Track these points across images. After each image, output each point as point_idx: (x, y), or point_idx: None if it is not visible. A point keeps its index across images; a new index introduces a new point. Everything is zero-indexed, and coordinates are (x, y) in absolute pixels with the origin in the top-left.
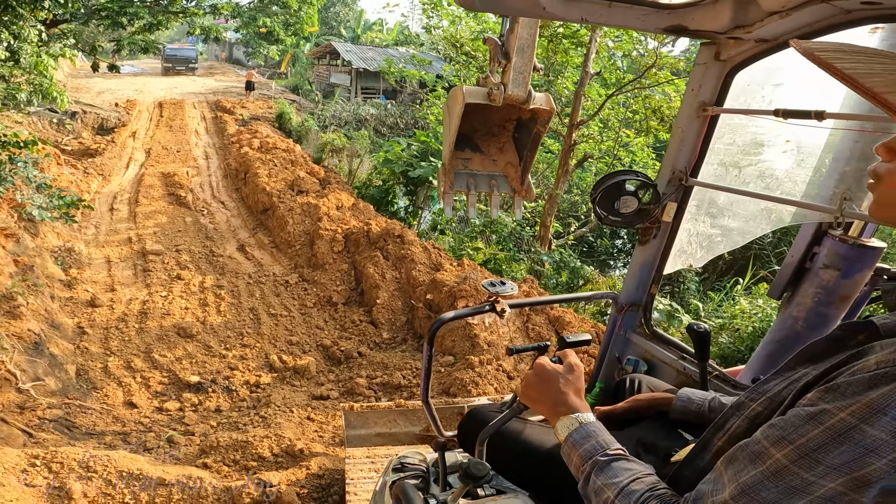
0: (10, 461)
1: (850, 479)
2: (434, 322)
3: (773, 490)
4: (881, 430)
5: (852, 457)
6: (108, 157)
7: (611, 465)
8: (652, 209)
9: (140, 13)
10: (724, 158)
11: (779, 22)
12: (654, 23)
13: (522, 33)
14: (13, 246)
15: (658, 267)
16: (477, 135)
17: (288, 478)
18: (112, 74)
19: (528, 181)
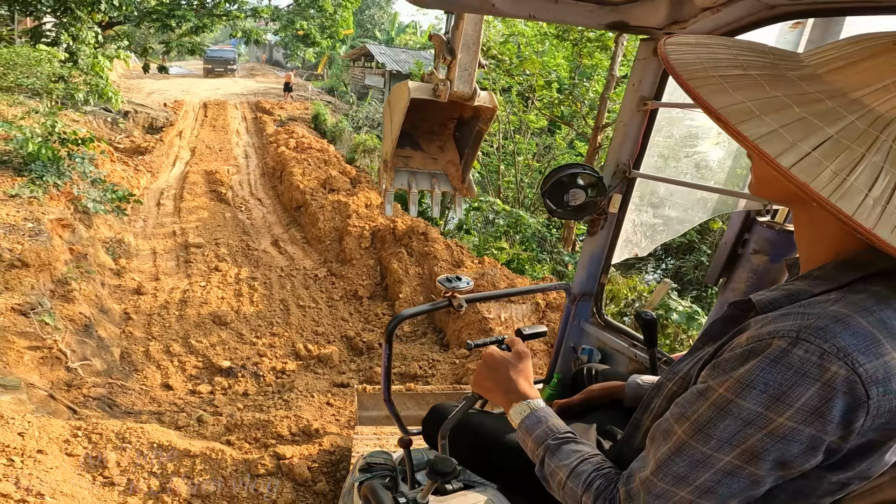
0: (55, 432)
1: (740, 451)
2: (392, 319)
3: (682, 464)
4: (753, 403)
5: (735, 430)
6: (156, 155)
7: (561, 447)
8: (599, 201)
9: (187, 16)
10: (664, 151)
11: (711, 17)
12: (598, 19)
13: (468, 30)
14: (69, 235)
15: (606, 257)
16: (418, 133)
17: (301, 452)
18: (161, 75)
19: (468, 179)
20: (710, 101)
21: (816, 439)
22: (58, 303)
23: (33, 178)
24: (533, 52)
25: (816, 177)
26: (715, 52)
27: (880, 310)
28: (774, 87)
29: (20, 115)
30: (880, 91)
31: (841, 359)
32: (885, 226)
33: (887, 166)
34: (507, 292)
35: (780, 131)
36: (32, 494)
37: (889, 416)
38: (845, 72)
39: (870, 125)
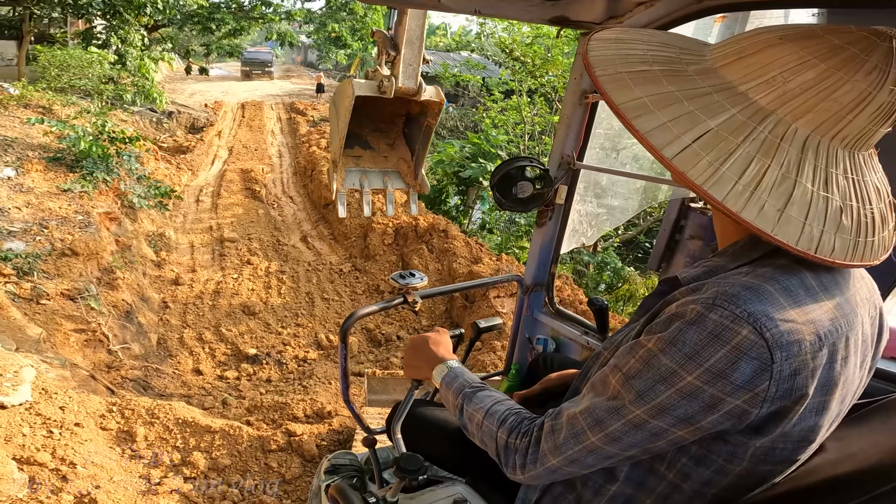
0: (92, 407)
1: (649, 407)
2: (346, 318)
3: (602, 410)
4: (670, 360)
5: (649, 385)
6: (196, 154)
7: (476, 394)
8: (546, 193)
9: (226, 19)
10: (605, 143)
11: (645, 12)
12: (540, 14)
13: (411, 25)
14: (116, 228)
15: (556, 247)
16: (366, 132)
17: (311, 431)
18: (202, 77)
19: (421, 175)
20: (612, 96)
21: (716, 398)
22: (103, 290)
23: (84, 174)
24: (560, 54)
25: (693, 166)
26: (630, 47)
27: (785, 279)
28: (672, 82)
29: (73, 114)
30: (763, 84)
31: (750, 323)
32: (752, 209)
33: (759, 156)
34: (460, 286)
35: (668, 125)
36: (66, 464)
37: (792, 380)
38: (736, 66)
39: (749, 117)
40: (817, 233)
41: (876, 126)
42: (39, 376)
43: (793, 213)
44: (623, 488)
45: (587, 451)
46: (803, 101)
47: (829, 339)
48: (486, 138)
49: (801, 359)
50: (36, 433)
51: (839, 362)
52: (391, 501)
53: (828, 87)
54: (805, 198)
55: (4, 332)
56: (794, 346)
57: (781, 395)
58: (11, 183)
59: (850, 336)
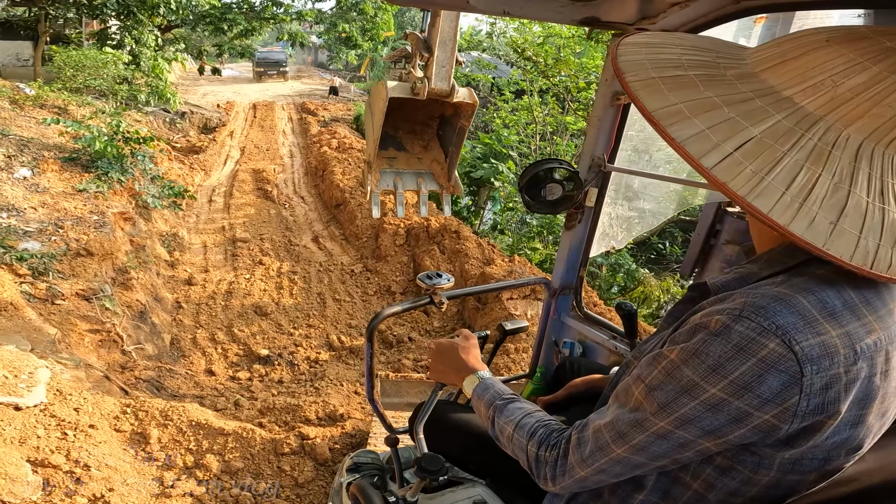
0: (106, 408)
1: (673, 419)
2: (373, 317)
3: (625, 423)
4: (692, 371)
5: (673, 396)
6: (209, 154)
7: (507, 406)
8: (575, 195)
9: (237, 19)
10: (637, 145)
11: (680, 13)
12: (570, 15)
13: (444, 27)
14: (130, 228)
15: (584, 250)
16: (400, 133)
17: (324, 434)
18: (214, 77)
19: (454, 177)
20: (645, 102)
21: (742, 412)
22: (117, 290)
23: (99, 174)
24: (571, 54)
25: (735, 176)
26: (662, 51)
27: (821, 290)
28: (709, 88)
29: (88, 115)
30: (810, 89)
31: (779, 336)
32: (801, 222)
33: (808, 164)
34: (487, 288)
35: (707, 132)
36: (80, 466)
37: (823, 394)
38: (779, 70)
39: (796, 124)
40: (873, 247)
41: None
42: (54, 377)
43: (846, 226)
44: (648, 497)
45: (613, 461)
46: (855, 105)
47: (867, 353)
48: (497, 138)
49: (832, 372)
50: (50, 435)
51: (878, 376)
52: (411, 501)
53: (881, 91)
54: (859, 209)
55: (20, 332)
56: (826, 359)
57: (813, 409)
58: (27, 183)
59: (893, 350)
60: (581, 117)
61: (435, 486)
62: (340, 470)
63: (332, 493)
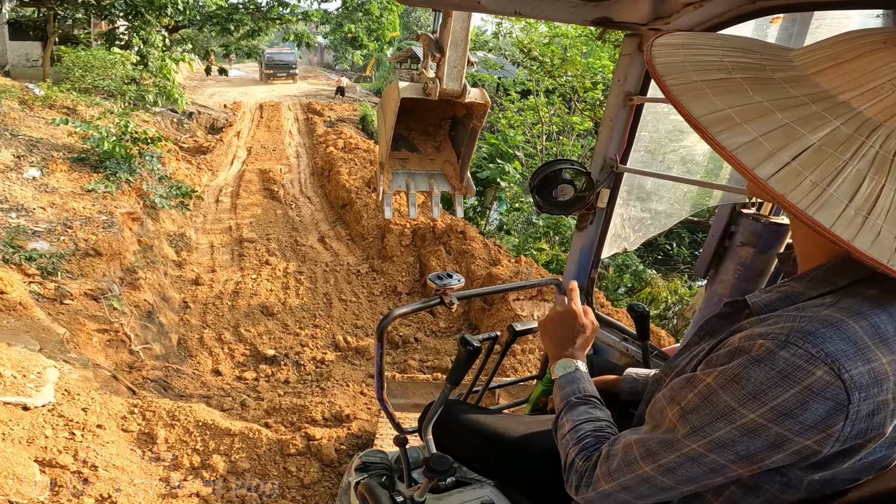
0: (114, 408)
1: (706, 441)
2: (384, 317)
3: (656, 442)
4: (730, 397)
5: (706, 422)
6: (216, 154)
7: (578, 406)
8: (587, 196)
9: (244, 20)
10: (650, 145)
11: (694, 13)
12: (583, 15)
13: (456, 27)
14: (138, 228)
15: (596, 251)
16: (413, 135)
17: (330, 435)
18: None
19: (467, 178)
20: (690, 108)
21: (782, 437)
22: (125, 289)
23: (108, 174)
24: (578, 54)
25: (795, 188)
26: (701, 52)
27: (874, 314)
28: (758, 92)
29: (97, 115)
30: (869, 93)
31: (828, 364)
32: (866, 237)
33: (871, 174)
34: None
35: (760, 140)
36: (87, 466)
37: (869, 420)
38: (833, 73)
39: (855, 130)
40: None
41: None
42: (62, 377)
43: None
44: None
45: (639, 479)
46: None
47: None
48: (504, 138)
49: (881, 399)
50: (58, 435)
51: None
52: (419, 501)
53: None
54: None
55: (28, 332)
56: (875, 386)
57: (856, 434)
58: (37, 183)
59: None
60: (587, 117)
61: (443, 486)
62: (349, 469)
63: (341, 492)
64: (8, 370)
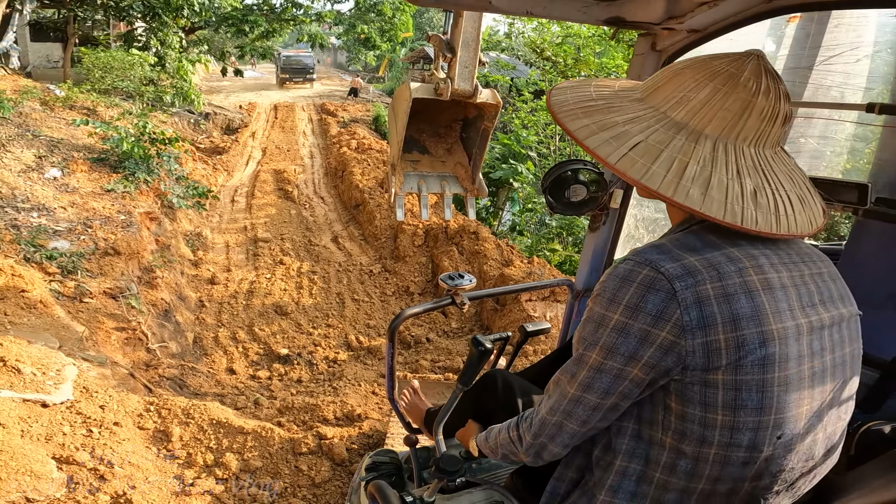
0: (131, 406)
1: (598, 348)
2: (395, 317)
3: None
4: (600, 306)
5: (593, 330)
6: (232, 155)
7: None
8: (600, 196)
9: (258, 21)
10: None
11: (708, 12)
12: (595, 15)
13: (467, 27)
14: (156, 228)
15: (609, 252)
16: (424, 136)
17: (342, 434)
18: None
19: (479, 179)
20: (567, 125)
21: (644, 331)
22: (143, 288)
23: (127, 174)
24: (591, 54)
25: (631, 167)
26: (581, 90)
27: (686, 238)
28: (610, 112)
29: (116, 116)
30: (675, 104)
31: (648, 265)
32: (680, 194)
33: (679, 156)
34: (509, 289)
35: (611, 141)
36: (104, 464)
37: (699, 307)
38: (657, 93)
39: (669, 129)
40: (738, 210)
41: (768, 126)
42: (81, 375)
43: (714, 195)
44: (629, 462)
45: (572, 402)
46: (705, 112)
47: (731, 272)
48: (516, 139)
49: (700, 288)
50: (76, 432)
51: (759, 293)
52: (428, 501)
53: (719, 99)
54: (722, 185)
55: (48, 329)
56: (689, 276)
57: (697, 322)
58: (57, 183)
59: (762, 273)
60: None
61: (453, 486)
62: (359, 469)
63: (351, 491)
64: (28, 367)
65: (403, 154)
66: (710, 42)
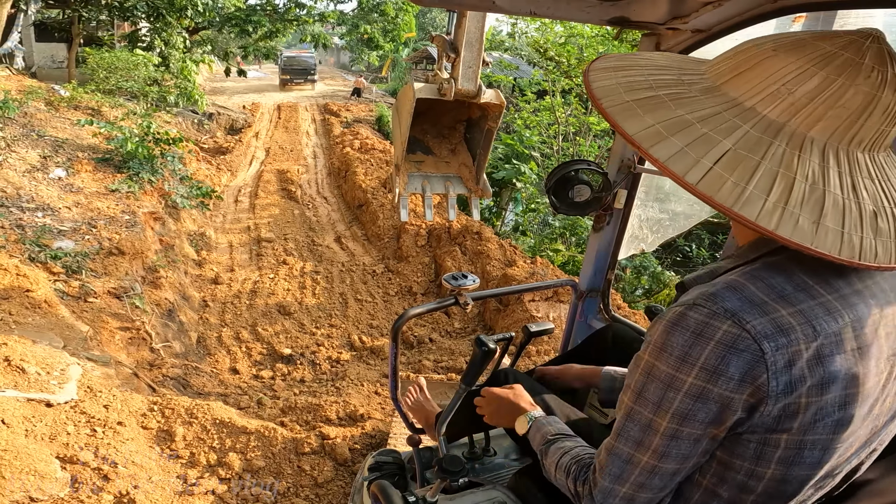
0: (134, 406)
1: (671, 415)
2: (399, 317)
3: (635, 429)
4: (666, 365)
5: (661, 393)
6: (235, 155)
7: (549, 448)
8: (604, 197)
9: (261, 21)
10: None
11: (713, 12)
12: (599, 15)
13: (470, 27)
14: (160, 228)
15: (613, 253)
16: (428, 137)
17: (344, 434)
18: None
19: (483, 180)
20: (624, 126)
21: (726, 398)
22: (147, 288)
23: (131, 174)
24: (594, 54)
25: (719, 189)
26: (630, 74)
27: (771, 276)
28: (680, 106)
29: (121, 116)
30: (769, 98)
31: (729, 318)
32: (786, 225)
33: (782, 170)
34: (512, 289)
35: (686, 150)
36: (107, 463)
37: (789, 371)
38: (737, 81)
39: (763, 132)
40: (857, 240)
41: (889, 126)
42: (85, 374)
43: (829, 224)
44: None
45: (646, 472)
46: (812, 110)
47: (829, 330)
48: (519, 139)
49: (793, 349)
50: (80, 432)
51: (851, 353)
52: (431, 501)
53: (833, 93)
54: (838, 207)
55: (53, 329)
56: (781, 335)
57: (784, 388)
58: (62, 183)
59: (863, 328)
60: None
61: (455, 487)
62: (362, 468)
63: (354, 491)
64: (32, 367)
65: (407, 155)
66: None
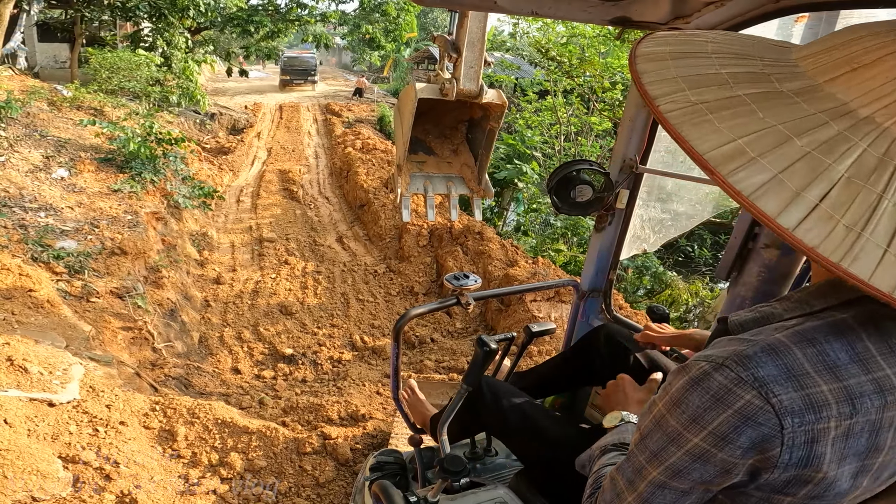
0: (137, 405)
1: (664, 468)
2: (400, 317)
3: (629, 470)
4: (676, 421)
5: (661, 446)
6: (237, 155)
7: (608, 451)
8: (606, 197)
9: (263, 21)
10: (670, 145)
11: (715, 12)
12: (601, 15)
13: (472, 27)
14: (162, 228)
15: (615, 253)
16: (430, 138)
17: (346, 434)
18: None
19: (485, 180)
20: (693, 142)
21: (729, 463)
22: (149, 288)
23: (133, 174)
24: (596, 54)
25: (827, 236)
26: (694, 62)
27: (828, 341)
28: (768, 111)
29: (123, 116)
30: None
31: (756, 388)
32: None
33: None
34: (514, 289)
35: (781, 178)
36: (109, 463)
37: (808, 448)
38: (850, 80)
39: (885, 152)
40: None
41: None
42: (87, 374)
43: None
44: None
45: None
46: None
47: (870, 406)
48: (521, 139)
49: (820, 426)
50: (82, 431)
51: (886, 429)
52: (432, 501)
53: None
54: None
55: (55, 329)
56: (810, 413)
57: (797, 462)
58: (65, 183)
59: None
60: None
61: (457, 487)
62: (364, 468)
63: (355, 491)
64: (35, 367)
65: (409, 155)
66: None
